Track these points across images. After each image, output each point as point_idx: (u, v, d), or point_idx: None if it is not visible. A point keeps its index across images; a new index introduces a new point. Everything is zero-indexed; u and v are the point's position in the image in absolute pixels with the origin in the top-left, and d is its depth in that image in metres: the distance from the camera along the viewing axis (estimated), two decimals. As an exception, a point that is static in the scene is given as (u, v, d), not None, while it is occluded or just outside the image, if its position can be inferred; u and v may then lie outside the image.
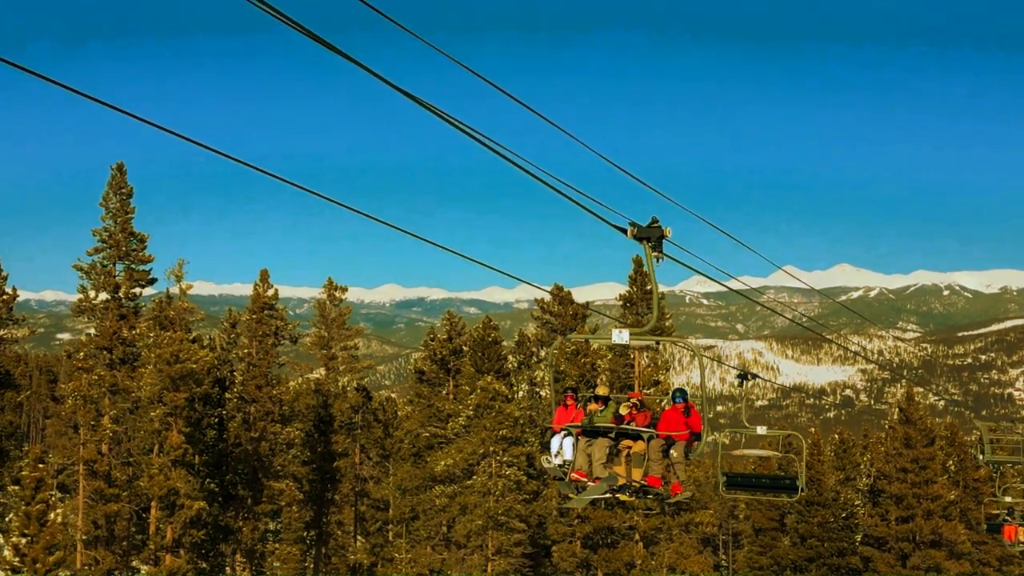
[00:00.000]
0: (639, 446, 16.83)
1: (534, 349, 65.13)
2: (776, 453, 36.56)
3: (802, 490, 27.61)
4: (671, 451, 17.02)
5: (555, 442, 17.53)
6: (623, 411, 17.50)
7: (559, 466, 17.21)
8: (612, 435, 16.78)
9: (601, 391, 17.87)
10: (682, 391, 17.66)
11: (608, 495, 16.52)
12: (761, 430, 27.43)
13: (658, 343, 14.06)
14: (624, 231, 12.16)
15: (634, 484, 16.57)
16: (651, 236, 12.31)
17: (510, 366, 65.17)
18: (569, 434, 17.26)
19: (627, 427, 16.89)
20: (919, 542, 63.89)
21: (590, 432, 16.90)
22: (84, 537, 47.78)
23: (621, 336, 13.43)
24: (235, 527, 52.72)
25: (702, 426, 17.19)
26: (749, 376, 26.79)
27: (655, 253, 12.40)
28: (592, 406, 17.72)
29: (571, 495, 17.11)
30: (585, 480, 16.65)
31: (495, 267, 14.25)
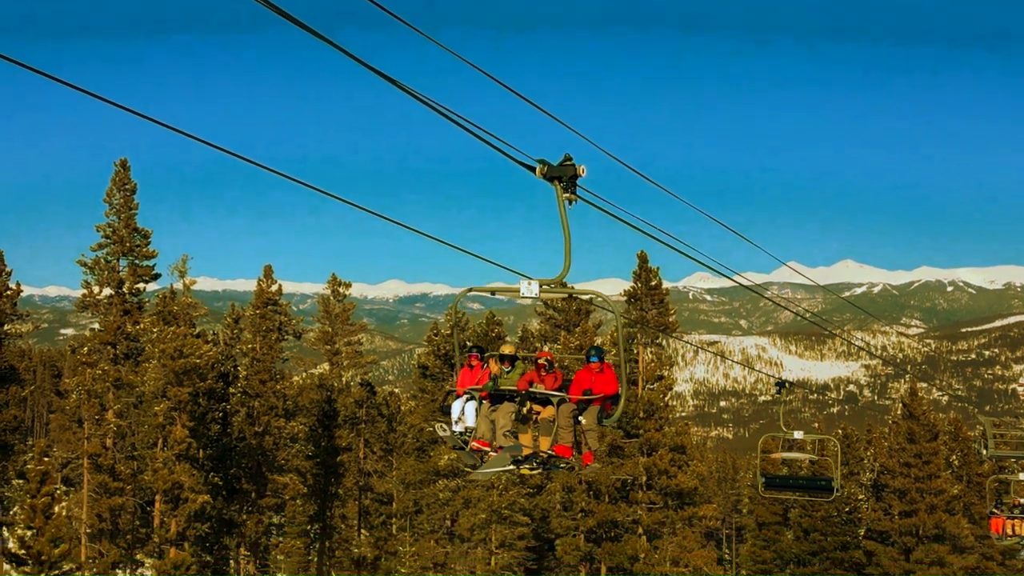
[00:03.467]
0: (548, 412, 15.19)
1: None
2: (814, 456, 36.96)
3: (837, 490, 28.18)
4: (582, 417, 15.24)
5: (456, 407, 16.09)
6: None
7: (459, 434, 15.72)
8: (518, 400, 15.16)
9: (507, 350, 16.29)
10: (598, 349, 15.87)
11: (512, 467, 14.90)
12: (798, 434, 27.81)
13: (571, 295, 12.88)
14: (532, 169, 10.94)
15: (541, 454, 15.07)
16: (563, 175, 11.06)
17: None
18: (472, 398, 15.76)
19: (534, 390, 15.25)
20: (922, 536, 63.93)
21: (495, 396, 15.32)
22: (88, 530, 47.92)
23: (531, 288, 12.21)
24: (239, 521, 52.87)
25: (619, 387, 15.31)
26: (787, 385, 27.09)
27: (567, 195, 11.10)
28: (497, 367, 16.19)
29: (470, 467, 15.64)
30: (487, 449, 15.13)
31: (499, 263, 13.82)
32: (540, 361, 15.84)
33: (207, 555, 50.69)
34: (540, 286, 12.11)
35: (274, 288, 58.61)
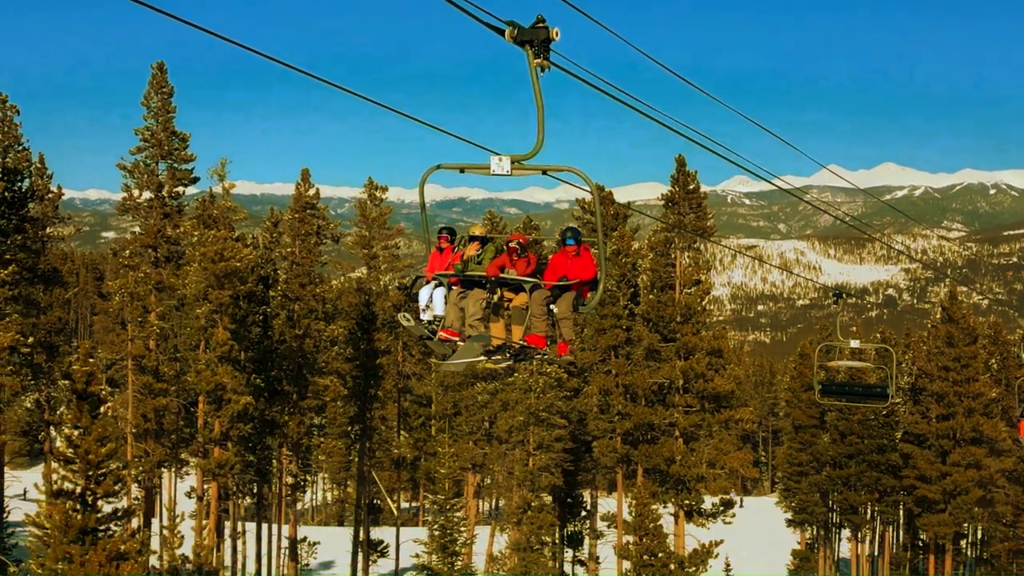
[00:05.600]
0: (520, 299, 14.18)
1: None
2: (870, 364, 37.08)
3: (891, 397, 28.35)
4: (557, 304, 14.07)
5: (424, 293, 15.11)
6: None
7: (428, 322, 14.79)
8: (488, 286, 14.09)
9: (476, 231, 15.29)
10: (574, 230, 14.71)
11: (482, 358, 13.91)
12: (854, 343, 27.91)
13: (544, 172, 11.40)
14: (501, 32, 9.73)
15: (513, 345, 14.00)
16: (534, 39, 9.82)
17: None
18: (440, 284, 14.79)
19: (505, 276, 14.18)
20: (959, 439, 63.97)
21: (465, 282, 14.30)
22: (134, 430, 48.92)
23: (501, 165, 11.06)
24: (281, 422, 53.66)
25: (597, 271, 14.23)
26: (844, 296, 27.13)
27: (539, 60, 9.86)
28: (468, 250, 15.14)
29: (440, 358, 14.71)
30: (456, 340, 14.18)
31: (542, 167, 12.85)
32: (511, 244, 14.75)
33: (250, 455, 51.61)
34: (512, 162, 11.09)
35: (312, 192, 58.63)
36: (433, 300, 14.90)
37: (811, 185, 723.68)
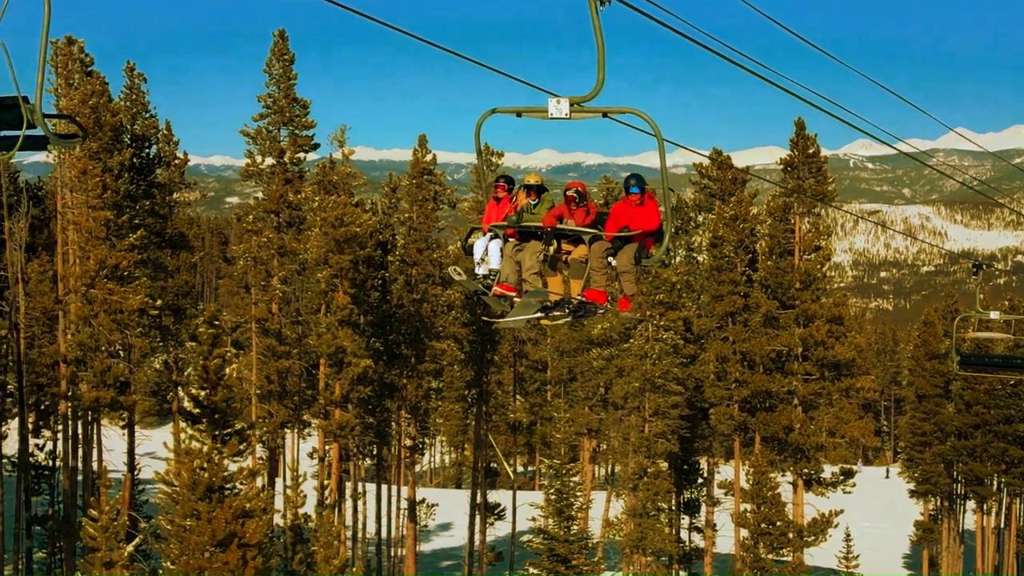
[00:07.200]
0: (579, 251, 13.26)
1: (692, 214, 64.21)
2: (1010, 336, 36.17)
3: None
4: (618, 257, 13.00)
5: (479, 246, 14.12)
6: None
7: (483, 276, 13.87)
8: (544, 237, 13.22)
9: (532, 180, 14.28)
10: (638, 177, 13.54)
11: (540, 315, 12.86)
12: (994, 315, 27.33)
13: (605, 115, 10.17)
14: None
15: (572, 300, 13.02)
16: None
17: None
18: (496, 236, 13.86)
19: (563, 227, 13.28)
20: (1091, 411, 61.91)
21: (522, 234, 13.41)
22: (258, 391, 50.08)
23: (559, 108, 10.11)
24: (400, 384, 54.39)
25: (661, 221, 13.15)
26: (984, 266, 26.52)
27: None
28: (523, 200, 14.16)
29: (498, 315, 13.65)
30: (512, 295, 13.22)
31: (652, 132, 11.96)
32: (569, 193, 13.67)
33: (370, 417, 52.47)
34: (570, 105, 10.10)
35: (428, 158, 58.96)
36: (488, 253, 14.01)
37: (937, 149, 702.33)
